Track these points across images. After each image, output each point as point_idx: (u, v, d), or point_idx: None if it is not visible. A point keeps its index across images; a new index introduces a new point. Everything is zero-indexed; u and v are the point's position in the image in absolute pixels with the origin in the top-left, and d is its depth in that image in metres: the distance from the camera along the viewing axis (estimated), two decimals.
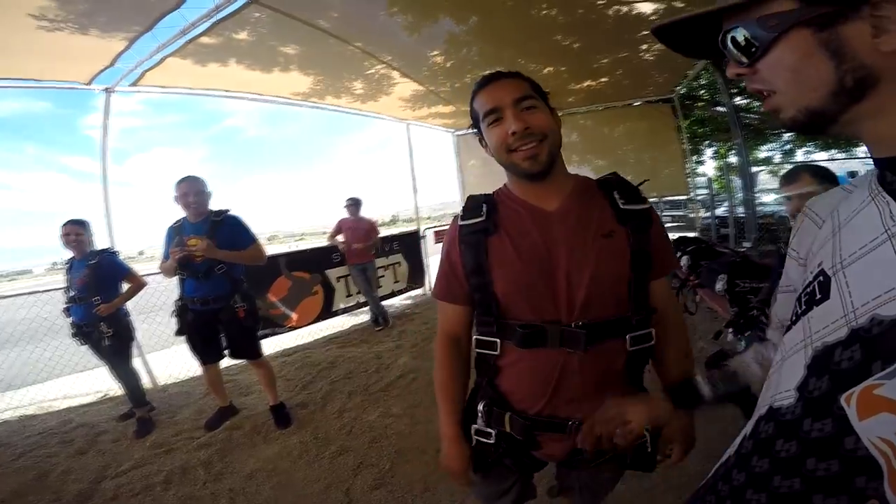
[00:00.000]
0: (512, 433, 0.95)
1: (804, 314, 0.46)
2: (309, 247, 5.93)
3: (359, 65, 4.44)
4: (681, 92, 6.78)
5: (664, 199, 8.95)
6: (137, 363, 3.53)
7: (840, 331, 0.40)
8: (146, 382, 3.84)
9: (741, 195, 7.17)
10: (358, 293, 5.65)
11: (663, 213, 10.79)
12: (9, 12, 2.60)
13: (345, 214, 5.29)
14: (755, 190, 6.78)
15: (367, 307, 5.61)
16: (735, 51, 0.46)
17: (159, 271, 2.97)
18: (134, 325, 3.33)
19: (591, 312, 0.87)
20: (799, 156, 10.08)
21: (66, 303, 3.12)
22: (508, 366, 0.94)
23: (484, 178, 7.15)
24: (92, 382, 4.15)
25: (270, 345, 4.79)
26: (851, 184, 0.51)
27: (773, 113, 0.46)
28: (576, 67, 5.26)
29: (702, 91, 9.51)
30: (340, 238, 5.31)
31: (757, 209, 7.01)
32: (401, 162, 7.36)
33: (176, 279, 2.83)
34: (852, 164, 7.65)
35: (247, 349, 2.94)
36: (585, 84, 5.88)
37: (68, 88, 3.80)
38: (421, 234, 6.91)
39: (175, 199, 2.71)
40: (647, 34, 4.32)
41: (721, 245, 5.36)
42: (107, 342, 3.03)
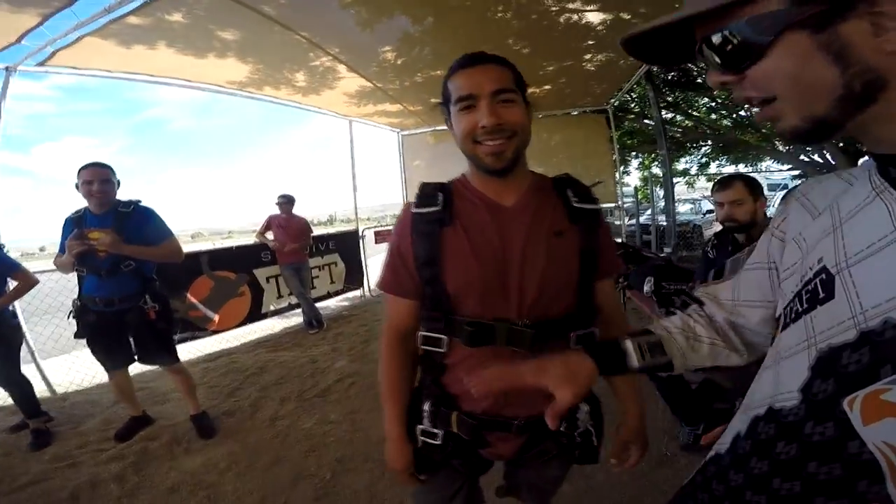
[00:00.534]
0: (459, 433, 0.93)
1: (805, 313, 0.45)
2: (235, 244, 5.53)
3: (303, 55, 4.22)
4: (614, 104, 7.18)
5: None
6: (30, 370, 3.13)
7: (848, 332, 0.39)
8: (42, 391, 3.39)
9: (662, 204, 7.76)
10: (290, 294, 5.35)
11: None
12: None
13: (276, 211, 5.00)
14: (674, 200, 7.35)
15: (300, 309, 5.32)
16: (717, 58, 0.42)
17: (54, 267, 2.63)
18: (23, 328, 2.94)
19: (540, 310, 0.87)
20: (713, 168, 11.10)
21: None
22: (455, 364, 0.92)
23: (429, 180, 7.10)
24: None
25: (190, 349, 4.41)
26: (850, 173, 0.49)
27: (771, 121, 0.43)
28: (524, 73, 5.33)
29: (633, 104, 10.18)
30: (270, 235, 5.01)
31: (676, 218, 7.62)
32: (341, 160, 7.13)
33: (75, 277, 2.52)
34: (758, 178, 8.58)
35: (160, 354, 2.68)
36: (530, 90, 6.00)
37: None
38: (361, 235, 6.75)
39: (77, 187, 2.41)
40: (593, 44, 4.52)
41: (646, 250, 5.75)
42: None
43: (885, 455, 0.35)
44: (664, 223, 7.96)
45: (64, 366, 3.82)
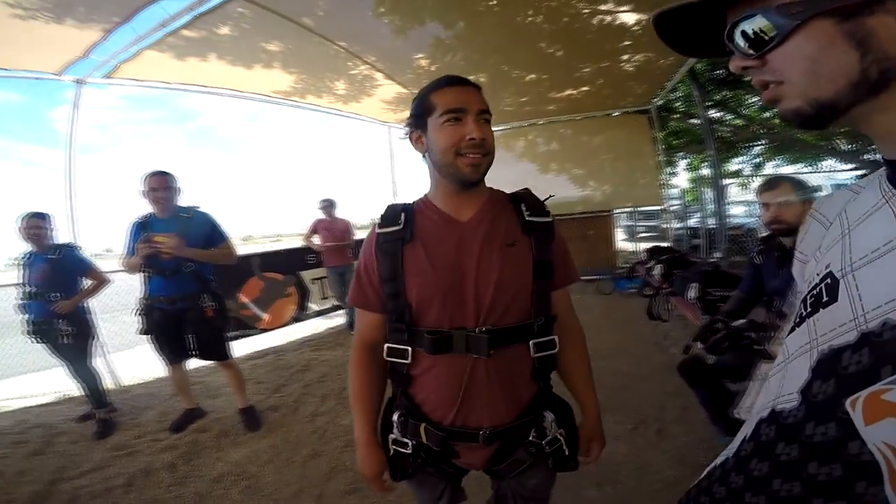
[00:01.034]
0: (429, 444, 0.96)
1: (809, 316, 0.45)
2: (283, 247, 5.81)
3: (342, 65, 4.40)
4: (658, 103, 6.95)
5: (639, 210, 9.14)
6: (99, 363, 3.39)
7: (849, 334, 0.39)
8: (109, 383, 3.68)
9: (712, 207, 7.39)
10: (333, 296, 5.54)
11: (637, 224, 10.98)
12: None
13: (320, 215, 5.20)
14: (726, 202, 6.99)
15: (343, 310, 5.51)
16: (743, 42, 0.44)
17: (121, 268, 2.85)
18: (95, 324, 3.21)
19: (496, 318, 0.91)
20: (768, 169, 10.43)
21: (22, 299, 2.97)
22: (420, 375, 0.96)
23: None
24: (49, 382, 3.95)
25: (241, 346, 4.66)
26: (858, 184, 0.50)
27: (773, 103, 0.45)
28: (558, 76, 5.34)
29: (678, 103, 9.77)
30: (316, 239, 5.21)
31: (726, 221, 7.23)
32: (381, 165, 7.31)
33: (140, 277, 2.72)
34: (818, 178, 7.98)
35: (215, 350, 2.85)
36: (566, 93, 5.98)
37: (37, 78, 3.65)
38: None
39: (143, 194, 2.61)
40: (629, 44, 4.43)
41: (693, 255, 5.52)
42: (65, 341, 2.91)
43: (885, 456, 0.35)
44: (714, 226, 7.60)
45: (129, 360, 4.14)
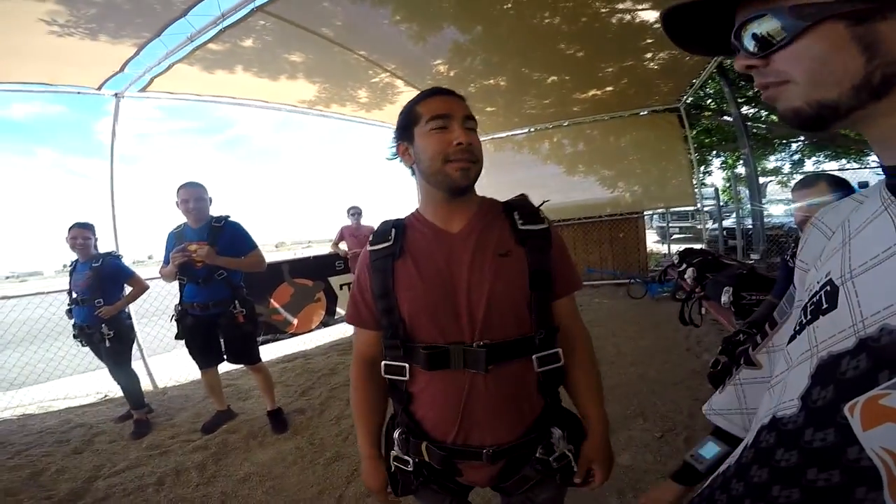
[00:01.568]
0: (431, 462, 0.94)
1: (809, 323, 0.45)
2: (312, 254, 5.97)
3: (363, 73, 4.49)
4: (687, 101, 6.76)
5: (671, 211, 8.88)
6: (138, 366, 3.55)
7: (848, 340, 0.39)
8: (147, 385, 3.86)
9: (749, 206, 7.10)
10: None
11: (670, 225, 10.68)
12: (19, 16, 2.67)
13: (347, 222, 5.34)
14: (763, 201, 6.71)
15: None
16: (750, 41, 0.44)
17: (160, 276, 3.00)
18: (135, 328, 3.37)
19: (493, 332, 0.88)
20: (808, 166, 9.95)
21: (69, 304, 3.16)
22: (419, 392, 0.94)
23: (486, 187, 7.16)
24: (93, 383, 4.19)
25: (272, 350, 4.81)
26: (863, 193, 0.49)
27: (772, 101, 0.45)
28: (580, 76, 5.27)
29: (708, 100, 9.46)
30: (343, 246, 5.35)
31: (765, 220, 6.93)
32: (405, 172, 7.39)
33: (177, 284, 2.86)
34: (863, 174, 7.53)
35: (245, 354, 2.95)
36: (590, 93, 5.89)
37: (79, 94, 3.87)
38: None
39: (177, 205, 2.74)
40: (652, 42, 4.33)
41: (728, 257, 5.30)
42: (107, 344, 3.06)
43: (884, 461, 0.35)
44: (751, 226, 7.29)
45: (166, 363, 4.33)
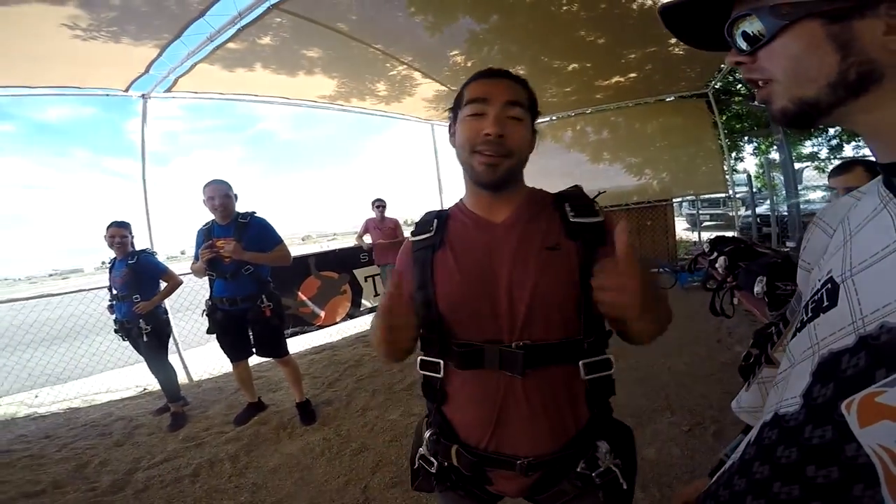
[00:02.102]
0: (459, 467, 0.88)
1: (810, 321, 0.46)
2: (338, 247, 6.06)
3: (381, 66, 4.49)
4: (715, 86, 6.51)
5: (702, 198, 8.61)
6: (174, 359, 3.69)
7: (848, 338, 0.39)
8: (182, 378, 4.01)
9: (784, 192, 6.82)
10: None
11: (701, 212, 10.37)
12: (42, 22, 2.75)
13: (372, 215, 5.40)
14: (800, 187, 6.43)
15: None
16: (740, 38, 0.46)
17: (191, 272, 3.09)
18: (171, 323, 3.49)
19: (535, 332, 0.81)
20: (847, 151, 9.45)
21: (110, 300, 3.31)
22: (454, 392, 0.89)
23: None
24: (133, 377, 4.38)
25: (300, 342, 4.93)
26: (860, 190, 0.50)
27: (764, 103, 0.46)
28: (602, 63, 5.14)
29: (738, 85, 9.09)
30: (367, 238, 5.41)
31: (802, 207, 6.64)
32: (427, 163, 7.41)
33: (207, 279, 2.94)
34: None
35: (273, 347, 3.01)
36: (614, 80, 5.74)
37: (107, 96, 4.00)
38: None
39: (203, 202, 2.81)
40: None
41: (762, 245, 5.11)
42: (145, 339, 3.19)
43: (881, 458, 0.35)
44: (786, 213, 6.99)
45: (200, 356, 4.49)
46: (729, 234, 5.57)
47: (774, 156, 9.15)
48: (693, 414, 2.54)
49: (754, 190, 8.95)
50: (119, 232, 3.20)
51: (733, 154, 9.33)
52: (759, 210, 8.29)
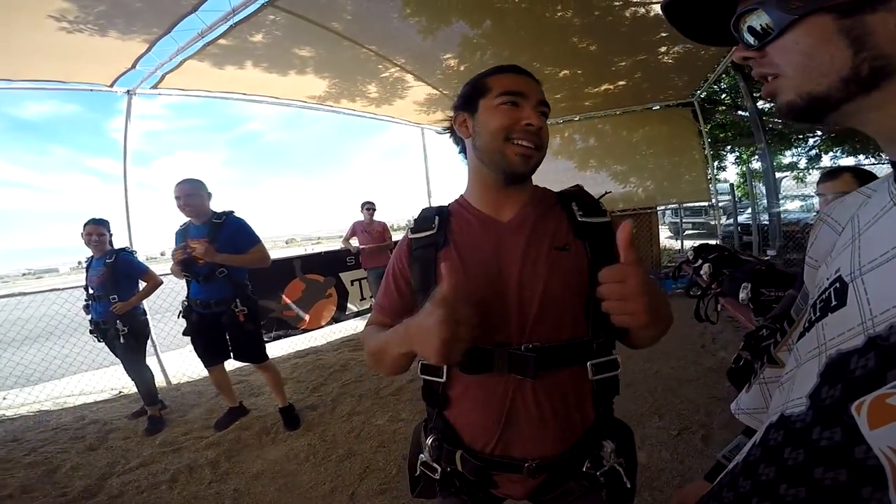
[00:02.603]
0: (464, 473, 0.87)
1: (818, 320, 0.45)
2: (324, 250, 5.98)
3: (373, 68, 4.46)
4: (701, 96, 6.65)
5: (685, 206, 8.77)
6: (152, 362, 3.58)
7: (857, 338, 0.39)
8: (160, 381, 3.89)
9: (765, 202, 6.97)
10: (371, 297, 5.65)
11: (684, 220, 10.54)
12: (28, 14, 2.67)
13: (360, 217, 5.34)
14: (779, 196, 6.59)
15: None
16: (747, 33, 0.45)
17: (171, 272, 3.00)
18: (150, 324, 3.38)
19: (545, 333, 0.80)
20: (825, 161, 9.75)
21: (86, 300, 3.19)
22: (458, 396, 0.87)
23: None
24: (108, 379, 4.24)
25: (284, 346, 4.85)
26: (869, 187, 0.50)
27: (770, 97, 0.46)
28: (593, 70, 5.20)
29: (723, 95, 9.32)
30: (354, 241, 5.34)
31: (781, 216, 6.80)
32: (416, 167, 7.39)
33: (185, 280, 2.86)
34: (882, 169, 7.35)
35: (249, 353, 2.91)
36: (603, 87, 5.82)
37: (91, 91, 3.90)
38: None
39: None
40: (666, 36, 4.26)
41: (745, 253, 5.21)
42: (122, 340, 3.08)
43: (890, 460, 0.34)
44: (767, 223, 7.15)
45: (179, 359, 4.36)
46: (712, 243, 5.68)
47: (756, 165, 9.39)
48: (681, 418, 2.55)
49: (736, 199, 9.16)
50: (97, 230, 3.10)
51: (716, 163, 9.53)
52: (741, 219, 8.48)
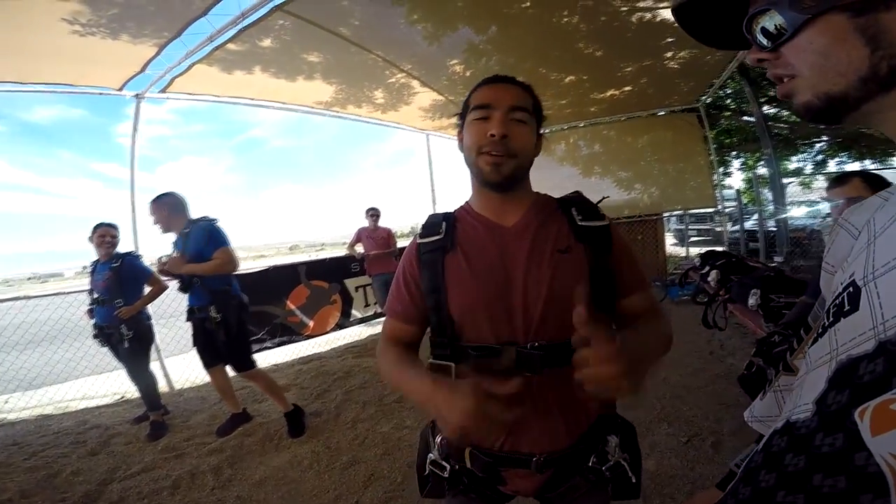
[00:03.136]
0: (473, 469, 0.90)
1: (831, 326, 0.44)
2: (329, 256, 5.97)
3: (380, 73, 4.48)
4: (706, 101, 6.64)
5: (690, 212, 8.72)
6: (155, 367, 3.56)
7: (867, 343, 0.38)
8: (163, 386, 3.87)
9: (771, 208, 6.92)
10: (375, 303, 5.63)
11: (689, 227, 10.47)
12: (44, 16, 2.69)
13: (365, 223, 5.32)
14: (786, 202, 6.54)
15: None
16: (760, 34, 0.45)
17: None
18: (154, 329, 3.37)
19: (548, 332, 0.83)
20: (831, 166, 9.72)
21: (90, 304, 3.18)
22: None
23: None
24: (110, 384, 4.22)
25: (288, 352, 4.83)
26: (889, 191, 0.49)
27: (786, 97, 0.45)
28: (598, 76, 5.21)
29: (728, 100, 9.30)
30: (359, 248, 5.33)
31: (788, 222, 6.75)
32: (421, 173, 7.40)
33: None
34: (887, 175, 7.29)
35: (231, 360, 2.87)
36: (608, 93, 5.82)
37: (100, 94, 3.91)
38: None
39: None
40: (672, 41, 4.25)
41: (752, 259, 5.17)
42: (126, 344, 3.07)
43: (892, 467, 0.33)
44: (774, 229, 7.09)
45: (182, 364, 4.34)
46: (719, 249, 5.63)
47: (762, 171, 9.35)
48: (690, 425, 2.51)
49: (742, 205, 9.11)
50: (109, 231, 3.13)
51: (721, 169, 9.51)
52: (747, 225, 8.42)
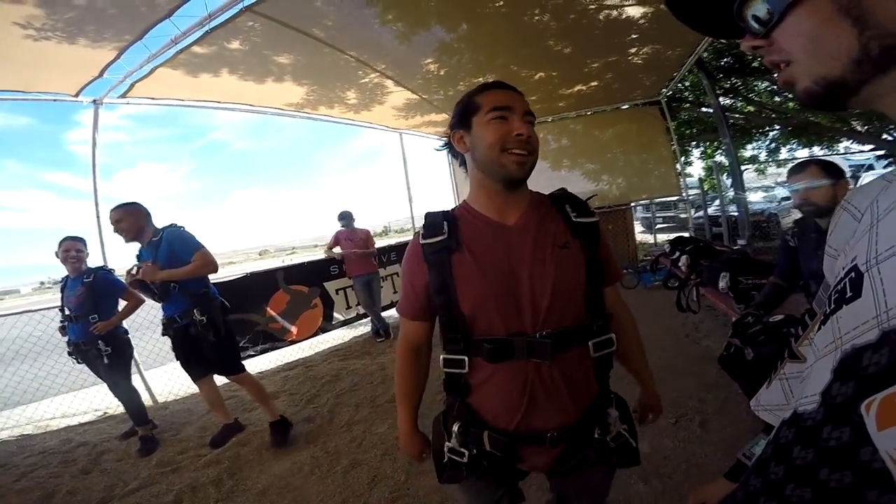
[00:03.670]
0: (493, 451, 0.96)
1: (833, 313, 0.43)
2: (307, 260, 5.88)
3: (353, 74, 4.43)
4: (667, 94, 6.89)
5: (655, 201, 9.05)
6: (136, 380, 3.46)
7: (871, 332, 0.36)
8: (146, 399, 3.75)
9: (731, 193, 7.27)
10: (357, 304, 5.60)
11: (656, 215, 10.88)
12: None
13: (339, 227, 5.29)
14: (744, 188, 6.88)
15: (367, 318, 5.55)
16: (752, 21, 0.44)
17: None
18: (132, 343, 3.27)
19: (554, 322, 0.91)
20: (783, 153, 10.29)
21: (62, 321, 3.06)
22: (480, 383, 0.96)
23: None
24: (90, 400, 4.07)
25: (272, 359, 4.75)
26: (893, 172, 0.47)
27: (787, 86, 0.44)
28: (567, 72, 5.33)
29: (686, 93, 9.69)
30: (337, 250, 5.29)
31: (749, 207, 7.10)
32: (394, 172, 7.38)
33: None
34: (835, 160, 7.79)
35: (219, 364, 2.82)
36: (576, 88, 5.96)
37: (55, 101, 3.70)
38: None
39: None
40: (636, 37, 4.40)
41: (718, 243, 5.42)
42: (105, 360, 2.98)
43: None
44: (735, 214, 7.46)
45: (163, 376, 4.22)
46: (687, 235, 5.88)
47: (720, 159, 9.80)
48: (676, 406, 2.63)
49: (704, 192, 9.53)
50: (74, 245, 3.01)
51: (683, 158, 9.91)
52: (709, 211, 8.82)
